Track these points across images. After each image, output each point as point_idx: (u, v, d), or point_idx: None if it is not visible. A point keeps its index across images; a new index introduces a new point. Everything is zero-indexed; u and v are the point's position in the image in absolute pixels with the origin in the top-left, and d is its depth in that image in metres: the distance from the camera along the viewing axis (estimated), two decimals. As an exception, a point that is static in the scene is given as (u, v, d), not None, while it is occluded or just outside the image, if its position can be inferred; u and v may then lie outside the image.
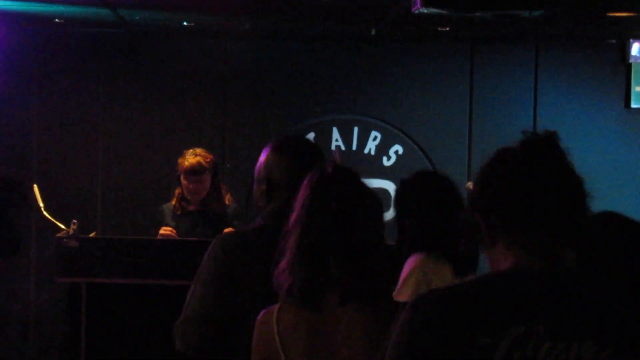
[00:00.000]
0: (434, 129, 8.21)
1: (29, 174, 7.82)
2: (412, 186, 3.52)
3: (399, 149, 8.22)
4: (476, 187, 2.07)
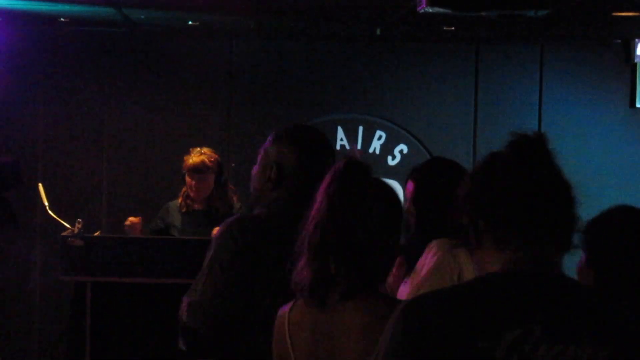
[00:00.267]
0: (438, 129, 8.21)
1: (34, 173, 7.83)
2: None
3: (403, 148, 8.22)
4: (465, 190, 2.07)
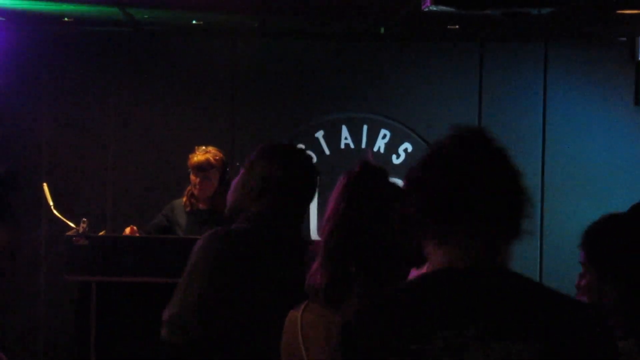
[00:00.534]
0: (443, 127, 8.04)
1: (39, 173, 7.83)
2: None
3: (408, 147, 8.21)
4: (407, 185, 2.06)
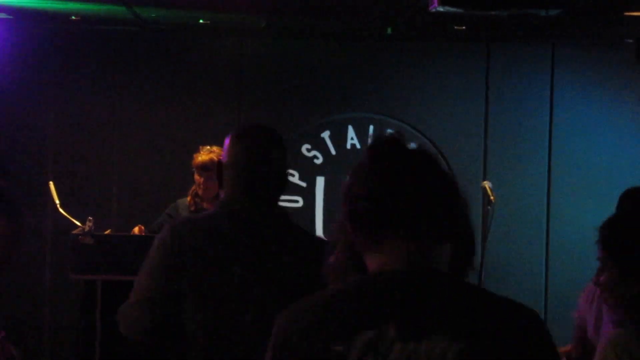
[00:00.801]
0: (449, 128, 8.19)
1: (45, 172, 7.84)
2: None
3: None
4: (342, 196, 2.07)
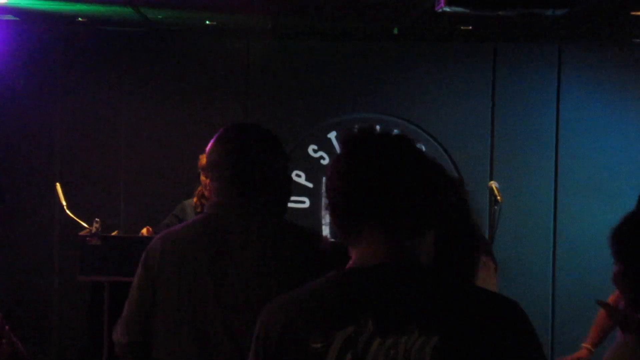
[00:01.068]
0: (456, 128, 8.18)
1: (52, 173, 7.85)
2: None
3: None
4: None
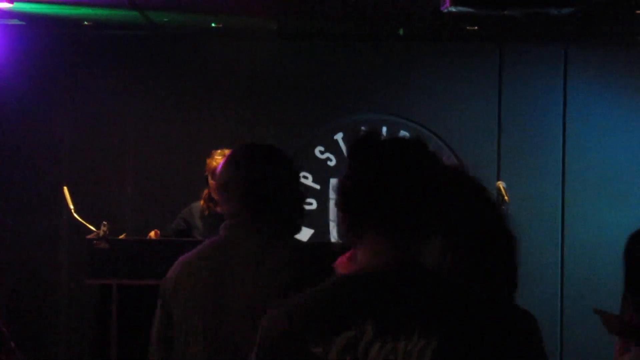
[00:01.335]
0: (462, 129, 8.17)
1: (59, 176, 7.86)
2: None
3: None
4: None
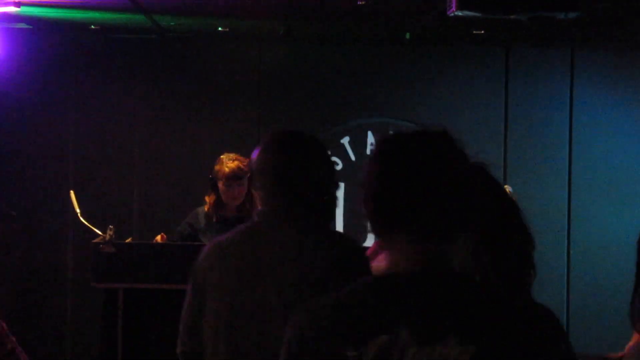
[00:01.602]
0: (469, 132, 8.15)
1: (66, 180, 7.87)
2: None
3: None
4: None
